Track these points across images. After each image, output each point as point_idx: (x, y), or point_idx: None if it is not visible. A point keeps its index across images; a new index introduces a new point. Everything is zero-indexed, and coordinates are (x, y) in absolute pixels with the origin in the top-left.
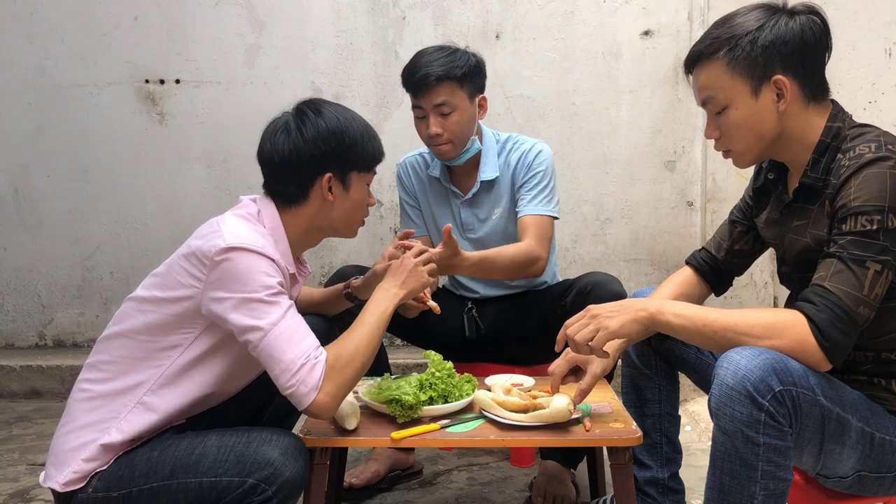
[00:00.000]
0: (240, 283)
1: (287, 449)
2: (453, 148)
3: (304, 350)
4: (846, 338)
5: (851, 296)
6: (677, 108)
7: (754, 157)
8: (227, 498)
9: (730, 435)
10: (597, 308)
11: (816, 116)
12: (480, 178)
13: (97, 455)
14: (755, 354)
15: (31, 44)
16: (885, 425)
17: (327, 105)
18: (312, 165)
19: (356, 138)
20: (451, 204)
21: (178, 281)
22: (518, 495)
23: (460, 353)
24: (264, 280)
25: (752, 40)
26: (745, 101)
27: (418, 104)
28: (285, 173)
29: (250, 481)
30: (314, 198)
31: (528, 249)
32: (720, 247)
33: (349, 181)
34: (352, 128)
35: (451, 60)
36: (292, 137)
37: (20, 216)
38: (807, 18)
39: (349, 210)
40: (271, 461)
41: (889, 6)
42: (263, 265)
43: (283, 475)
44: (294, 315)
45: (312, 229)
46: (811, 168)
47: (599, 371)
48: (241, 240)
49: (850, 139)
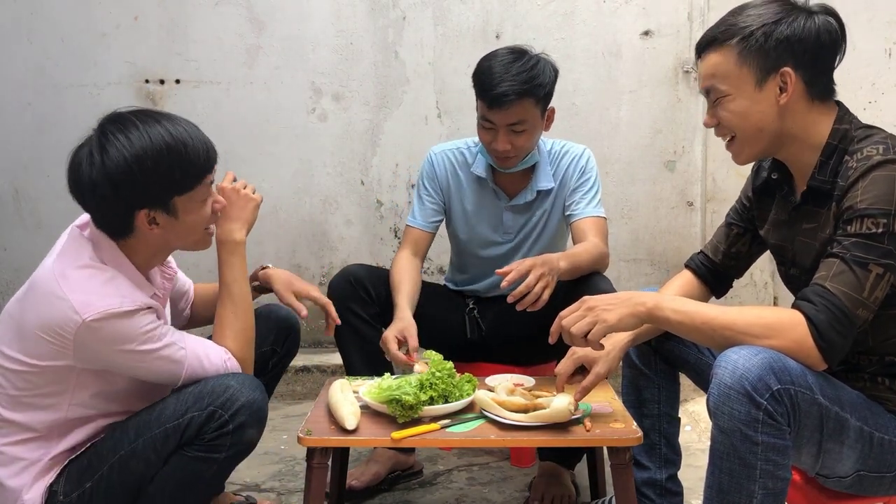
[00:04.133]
0: (117, 347)
1: (244, 380)
2: (516, 161)
3: (217, 357)
4: (843, 339)
5: (851, 297)
6: (677, 108)
7: (754, 153)
8: (188, 433)
9: (728, 434)
10: (593, 300)
11: (821, 117)
12: (537, 187)
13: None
14: (753, 354)
15: (31, 44)
16: (884, 425)
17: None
18: (115, 204)
19: (157, 166)
20: (493, 205)
21: (43, 350)
22: (518, 495)
23: (461, 353)
24: (136, 334)
25: (768, 32)
26: (749, 91)
27: (490, 118)
28: (101, 209)
29: (209, 410)
30: (141, 230)
31: (599, 248)
32: (717, 250)
33: (174, 207)
34: (149, 154)
35: (534, 77)
36: (92, 174)
37: (20, 216)
38: (824, 19)
39: (186, 232)
40: (227, 387)
41: (889, 6)
42: (127, 323)
43: (239, 400)
44: (185, 336)
45: (156, 252)
46: (819, 171)
47: (603, 371)
48: (95, 308)
49: (858, 141)
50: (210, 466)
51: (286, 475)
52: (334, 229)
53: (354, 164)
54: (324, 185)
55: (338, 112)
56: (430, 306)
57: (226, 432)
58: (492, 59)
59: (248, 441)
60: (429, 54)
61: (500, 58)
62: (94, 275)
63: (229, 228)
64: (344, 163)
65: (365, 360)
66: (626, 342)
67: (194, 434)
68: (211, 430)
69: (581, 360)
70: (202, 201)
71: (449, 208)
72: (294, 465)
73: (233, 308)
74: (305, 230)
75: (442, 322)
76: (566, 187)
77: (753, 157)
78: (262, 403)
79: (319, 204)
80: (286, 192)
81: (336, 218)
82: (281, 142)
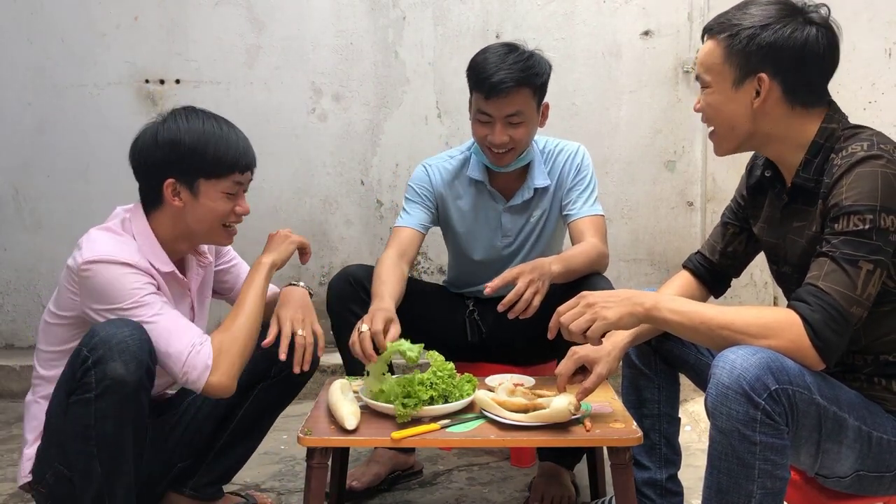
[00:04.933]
0: (106, 296)
1: (113, 321)
2: (513, 156)
3: (189, 339)
4: (839, 338)
5: (845, 296)
6: (677, 108)
7: (731, 147)
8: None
9: (726, 434)
10: (591, 296)
11: (805, 120)
12: (533, 185)
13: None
14: (751, 354)
15: (31, 44)
16: (882, 424)
17: (193, 112)
18: (154, 169)
19: (196, 145)
20: (491, 208)
21: (65, 298)
22: (518, 495)
23: (461, 355)
24: (128, 287)
25: (752, 36)
26: (726, 88)
27: (486, 110)
28: (138, 175)
29: (77, 349)
30: (167, 202)
31: (597, 248)
32: (714, 249)
33: (197, 188)
34: (194, 134)
35: (530, 66)
36: (146, 140)
37: (20, 216)
38: (817, 31)
39: (202, 217)
40: (93, 328)
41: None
42: (123, 272)
43: (98, 335)
44: (169, 311)
45: (178, 234)
46: (803, 168)
47: (605, 371)
48: (98, 252)
49: (844, 139)
50: (88, 410)
51: (286, 475)
52: (334, 229)
53: (354, 164)
54: (324, 185)
55: (338, 112)
56: (430, 308)
57: (87, 367)
58: (486, 52)
59: (113, 375)
60: (429, 54)
61: (495, 50)
62: (110, 235)
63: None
64: (344, 163)
65: None
66: (626, 342)
67: (70, 378)
68: (78, 369)
69: (582, 361)
70: (224, 193)
71: (446, 216)
72: (294, 465)
73: (235, 312)
74: (305, 230)
75: (442, 324)
76: (563, 186)
77: (730, 151)
78: (126, 338)
79: (319, 204)
80: (286, 192)
81: (336, 218)
82: (281, 142)
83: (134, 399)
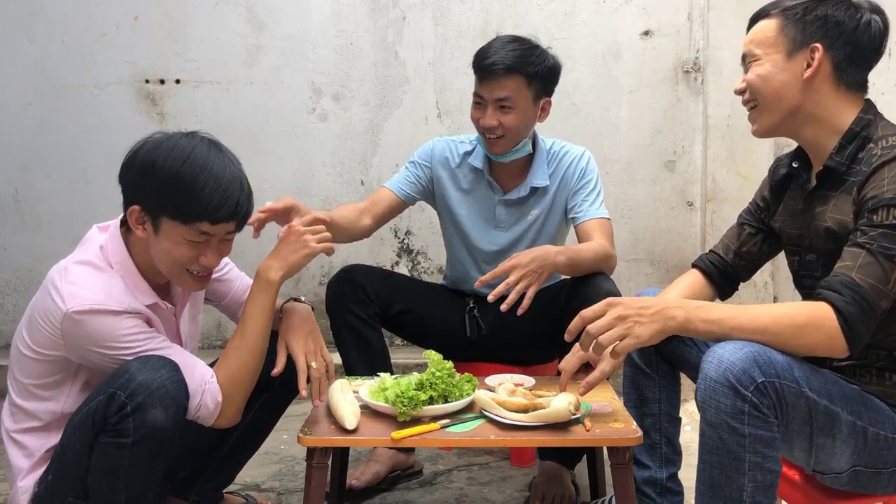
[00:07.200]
0: (98, 344)
1: (146, 361)
2: (504, 144)
3: (200, 377)
4: (868, 330)
5: (877, 289)
6: (677, 108)
7: (773, 121)
8: (97, 420)
9: (716, 427)
10: (622, 307)
11: (847, 104)
12: (531, 184)
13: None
14: (738, 348)
15: (31, 44)
16: (879, 420)
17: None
18: (125, 189)
19: (167, 179)
20: (487, 197)
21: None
22: (518, 495)
23: (461, 352)
24: (117, 335)
25: (809, 7)
26: (778, 59)
27: (479, 92)
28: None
29: (108, 392)
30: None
31: (605, 248)
32: (728, 248)
33: (159, 224)
34: (171, 168)
35: (527, 55)
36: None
37: (20, 216)
38: (869, 16)
39: (161, 257)
40: (127, 369)
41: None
42: (115, 320)
43: (136, 379)
44: (171, 347)
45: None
46: (836, 152)
47: (609, 369)
48: (84, 301)
49: (882, 130)
50: (122, 453)
51: (286, 475)
52: None
53: (354, 164)
54: (324, 185)
55: (338, 112)
56: (429, 306)
57: (125, 414)
58: (494, 40)
59: (153, 423)
60: (429, 54)
61: (502, 38)
62: (90, 271)
63: (269, 265)
64: (344, 163)
65: (364, 360)
66: None
67: (101, 420)
68: (113, 414)
69: (587, 357)
70: (186, 240)
71: (442, 194)
72: (294, 465)
73: (240, 343)
74: None
75: (442, 321)
76: (566, 189)
77: (771, 126)
78: (166, 382)
79: (319, 204)
80: (286, 192)
81: None
82: (281, 142)
83: (170, 442)
